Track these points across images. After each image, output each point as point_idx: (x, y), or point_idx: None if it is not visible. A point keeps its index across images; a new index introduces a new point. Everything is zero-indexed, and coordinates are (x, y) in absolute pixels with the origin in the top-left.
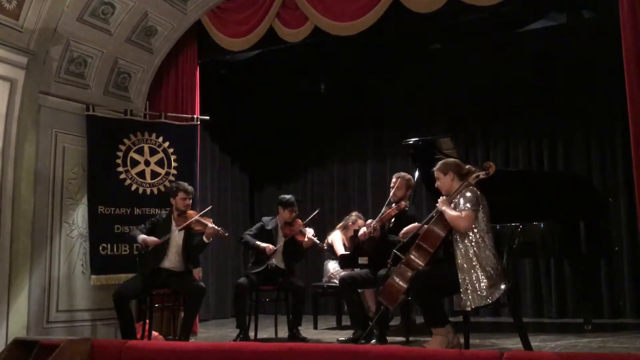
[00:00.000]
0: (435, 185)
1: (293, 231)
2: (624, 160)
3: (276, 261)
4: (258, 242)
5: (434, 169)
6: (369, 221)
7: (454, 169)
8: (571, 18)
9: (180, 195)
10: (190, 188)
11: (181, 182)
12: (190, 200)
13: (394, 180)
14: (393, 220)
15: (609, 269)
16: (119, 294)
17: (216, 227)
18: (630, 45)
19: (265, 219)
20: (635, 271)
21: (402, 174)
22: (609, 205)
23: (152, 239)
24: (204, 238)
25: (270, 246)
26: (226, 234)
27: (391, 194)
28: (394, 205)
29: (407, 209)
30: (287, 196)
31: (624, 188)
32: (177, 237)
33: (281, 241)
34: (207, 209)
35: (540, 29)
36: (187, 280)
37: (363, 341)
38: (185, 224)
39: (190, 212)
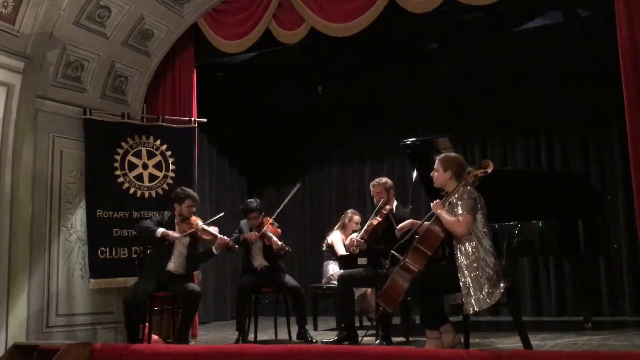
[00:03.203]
0: (431, 174)
1: (262, 236)
2: (621, 158)
3: (260, 261)
4: (240, 236)
5: (438, 158)
6: (353, 236)
7: (455, 168)
8: (567, 17)
9: (188, 202)
10: (197, 196)
11: (188, 189)
12: (195, 208)
13: (371, 188)
14: (385, 224)
15: (608, 266)
16: (132, 301)
17: (226, 238)
18: (626, 44)
19: (242, 222)
20: (634, 269)
21: (377, 180)
22: (607, 203)
23: (173, 233)
24: (214, 249)
25: (251, 233)
26: (236, 246)
27: (375, 201)
28: (377, 214)
29: (393, 211)
30: (247, 201)
31: (622, 186)
32: (180, 241)
33: (257, 243)
34: (217, 217)
35: (537, 28)
36: (184, 283)
37: (347, 342)
38: (190, 231)
39: (194, 217)
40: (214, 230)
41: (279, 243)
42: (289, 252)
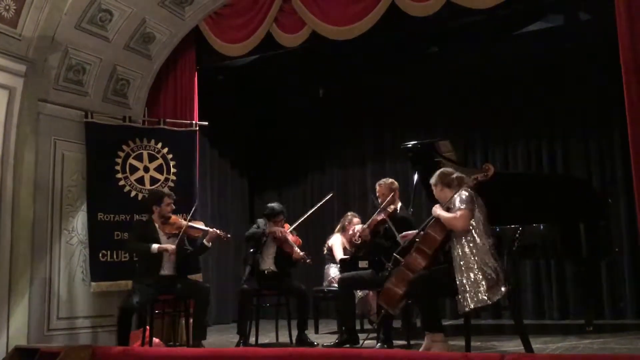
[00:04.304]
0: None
1: (281, 240)
2: (623, 161)
3: (269, 266)
4: (267, 230)
5: (431, 181)
6: (358, 227)
7: (441, 179)
8: (568, 20)
9: (166, 200)
10: (172, 192)
11: (160, 189)
12: (173, 205)
13: (377, 188)
14: (387, 225)
15: (610, 270)
16: (130, 308)
17: (217, 230)
18: (627, 47)
19: (259, 221)
20: (635, 272)
21: (383, 180)
22: (608, 206)
23: (171, 246)
24: (205, 242)
25: (280, 229)
26: (228, 235)
27: (380, 201)
28: (382, 212)
29: (397, 212)
30: (270, 206)
31: (624, 189)
32: (168, 245)
33: (271, 247)
34: (192, 210)
35: (538, 31)
36: (188, 282)
37: (348, 345)
38: (178, 232)
39: (174, 217)
40: (200, 225)
41: (301, 253)
42: (309, 264)
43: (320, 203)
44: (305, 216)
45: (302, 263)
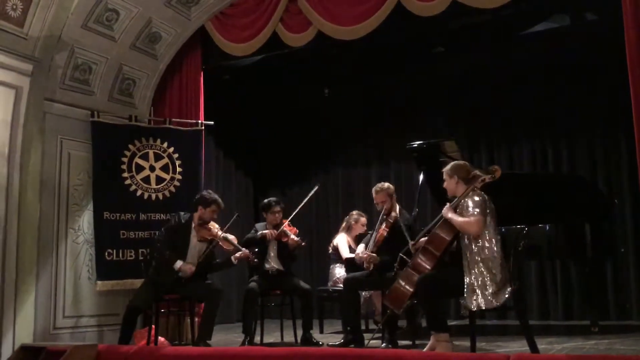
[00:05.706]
0: (444, 185)
1: (280, 234)
2: (628, 162)
3: (273, 264)
4: (259, 233)
5: (444, 169)
6: (360, 250)
7: (460, 173)
8: (574, 20)
9: (213, 207)
10: (222, 203)
11: (214, 194)
12: (216, 215)
13: (374, 195)
14: (390, 233)
15: (615, 270)
16: (135, 308)
17: (247, 251)
18: (633, 47)
19: (257, 225)
20: None
21: (379, 185)
22: (614, 207)
23: (192, 268)
24: (233, 259)
25: (272, 230)
26: (255, 260)
27: (378, 209)
28: (384, 224)
29: (398, 218)
30: (266, 200)
31: (629, 189)
32: (196, 247)
33: (273, 244)
34: (232, 220)
35: (543, 32)
36: (201, 284)
37: (353, 345)
38: (211, 240)
39: (212, 223)
40: (233, 239)
41: (296, 239)
42: (304, 246)
43: (309, 196)
44: (297, 210)
45: (299, 247)
